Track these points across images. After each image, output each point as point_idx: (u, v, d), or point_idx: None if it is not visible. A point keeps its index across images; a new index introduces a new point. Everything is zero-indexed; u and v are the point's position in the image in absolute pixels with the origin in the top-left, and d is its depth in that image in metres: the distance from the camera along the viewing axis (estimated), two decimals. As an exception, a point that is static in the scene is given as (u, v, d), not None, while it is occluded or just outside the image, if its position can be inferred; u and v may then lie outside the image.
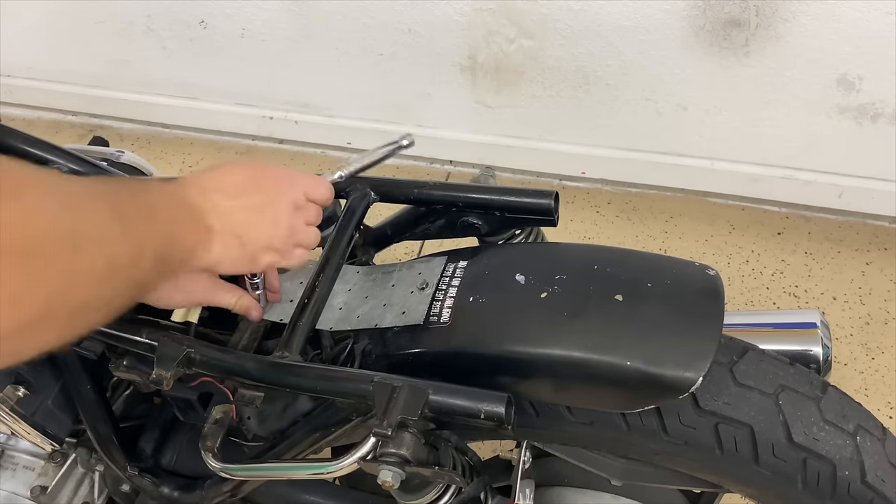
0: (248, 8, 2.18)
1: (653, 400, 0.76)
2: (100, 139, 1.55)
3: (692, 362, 0.72)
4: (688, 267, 0.82)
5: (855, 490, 0.79)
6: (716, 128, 2.05)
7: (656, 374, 0.73)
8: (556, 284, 0.80)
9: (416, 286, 0.88)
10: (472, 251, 0.91)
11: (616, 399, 0.78)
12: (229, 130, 2.54)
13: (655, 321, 0.76)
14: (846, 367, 1.81)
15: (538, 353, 0.77)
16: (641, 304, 0.77)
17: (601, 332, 0.76)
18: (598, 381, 0.77)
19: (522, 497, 0.99)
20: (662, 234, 2.14)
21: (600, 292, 0.79)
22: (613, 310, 0.77)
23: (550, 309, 0.79)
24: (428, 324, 0.83)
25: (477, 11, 1.98)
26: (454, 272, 0.88)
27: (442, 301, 0.85)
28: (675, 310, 0.77)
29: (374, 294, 0.92)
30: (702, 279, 0.80)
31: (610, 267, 0.82)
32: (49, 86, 2.62)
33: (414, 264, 0.93)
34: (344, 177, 0.96)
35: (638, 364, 0.73)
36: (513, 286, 0.82)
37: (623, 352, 0.74)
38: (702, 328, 0.75)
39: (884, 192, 2.03)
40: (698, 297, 0.78)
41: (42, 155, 1.09)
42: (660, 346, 0.74)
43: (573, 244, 0.91)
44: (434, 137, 2.32)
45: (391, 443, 0.76)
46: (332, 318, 0.91)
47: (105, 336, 0.95)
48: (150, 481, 1.12)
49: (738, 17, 1.81)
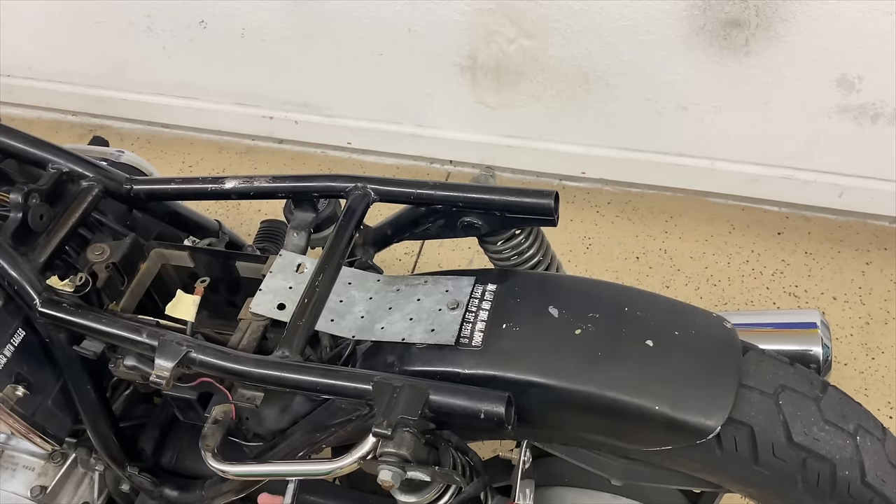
0: (248, 8, 2.18)
1: (671, 442, 0.80)
2: (100, 139, 1.55)
3: (713, 411, 0.78)
4: (707, 318, 0.88)
5: (855, 490, 0.79)
6: (716, 128, 2.05)
7: (681, 420, 0.78)
8: (589, 322, 0.84)
9: (445, 304, 0.89)
10: (501, 274, 0.93)
11: (637, 437, 0.83)
12: (229, 130, 2.54)
13: (682, 369, 0.81)
14: (846, 367, 1.81)
15: (573, 388, 0.80)
16: (670, 352, 0.82)
17: (634, 374, 0.81)
18: (625, 420, 0.81)
19: (522, 497, 0.99)
20: (662, 233, 2.14)
21: (632, 336, 0.83)
22: (645, 354, 0.82)
23: (585, 347, 0.83)
24: (459, 345, 0.85)
25: (477, 11, 1.98)
26: (483, 294, 0.90)
27: (473, 323, 0.87)
28: (699, 360, 0.82)
29: (399, 306, 0.92)
30: (721, 332, 0.86)
31: (640, 310, 0.86)
32: (49, 86, 2.62)
33: (440, 280, 0.93)
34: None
35: (665, 409, 0.78)
36: (547, 319, 0.86)
37: (653, 396, 0.79)
38: (722, 380, 0.80)
39: (884, 192, 2.03)
40: (719, 349, 0.83)
41: (42, 155, 1.09)
42: (686, 393, 0.79)
43: (599, 281, 0.96)
44: (434, 137, 2.32)
45: (391, 442, 0.76)
46: (354, 326, 0.91)
47: (105, 336, 0.95)
48: (149, 481, 1.12)
49: (738, 17, 1.81)
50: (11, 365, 0.99)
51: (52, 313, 0.95)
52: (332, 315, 0.91)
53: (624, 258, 2.09)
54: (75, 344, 0.98)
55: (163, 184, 1.12)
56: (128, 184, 1.10)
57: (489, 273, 0.94)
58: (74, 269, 1.04)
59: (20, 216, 0.98)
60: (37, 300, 0.95)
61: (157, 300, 1.11)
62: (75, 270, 1.02)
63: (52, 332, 0.98)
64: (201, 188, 1.08)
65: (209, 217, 1.29)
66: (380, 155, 2.44)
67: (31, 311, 0.97)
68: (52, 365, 1.04)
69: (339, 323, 0.91)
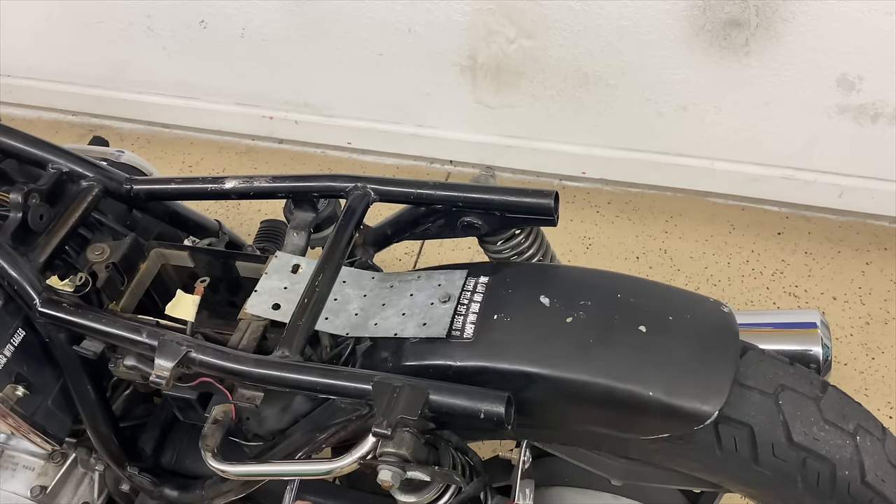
0: (248, 8, 2.18)
1: (668, 429, 0.79)
2: (100, 139, 1.55)
3: (710, 397, 0.76)
4: (704, 303, 0.86)
5: (855, 490, 0.79)
6: (716, 128, 2.05)
7: (676, 406, 0.77)
8: (580, 310, 0.83)
9: (437, 298, 0.89)
10: (493, 267, 0.93)
11: (633, 426, 0.81)
12: (229, 130, 2.54)
13: (676, 355, 0.79)
14: (846, 367, 1.81)
15: (564, 376, 0.80)
16: (664, 337, 0.81)
17: (626, 361, 0.79)
18: (619, 408, 0.79)
19: (522, 497, 0.99)
20: (662, 233, 2.14)
21: (624, 322, 0.82)
22: (637, 340, 0.81)
23: (577, 334, 0.82)
24: (450, 337, 0.85)
25: (477, 11, 1.98)
26: (475, 287, 0.89)
27: (464, 316, 0.86)
28: (694, 345, 0.80)
29: (392, 302, 0.92)
30: (718, 317, 0.84)
31: (633, 297, 0.85)
32: (49, 86, 2.62)
33: (433, 275, 0.93)
34: None
35: (660, 395, 0.77)
36: (538, 308, 0.85)
37: (646, 382, 0.78)
38: (719, 364, 0.79)
39: (884, 192, 2.03)
40: (716, 334, 0.82)
41: (42, 155, 1.09)
42: (680, 379, 0.78)
43: (592, 269, 0.94)
44: (434, 137, 2.32)
45: (391, 442, 0.76)
46: (348, 324, 0.91)
47: (105, 336, 0.95)
48: (149, 481, 1.12)
49: (738, 17, 1.81)
50: (11, 365, 0.99)
51: (52, 313, 0.95)
52: (327, 313, 0.91)
53: (624, 258, 2.09)
54: (75, 344, 0.98)
55: (163, 184, 1.12)
56: (128, 184, 1.10)
57: (482, 266, 0.93)
58: (74, 269, 1.04)
59: (20, 216, 0.98)
60: (37, 300, 0.95)
61: (157, 300, 1.11)
62: (75, 270, 1.02)
63: (52, 332, 0.98)
64: (201, 188, 1.08)
65: (209, 217, 1.29)
66: (380, 155, 2.44)
67: (31, 311, 0.97)
68: (52, 365, 1.04)
69: (334, 321, 0.91)
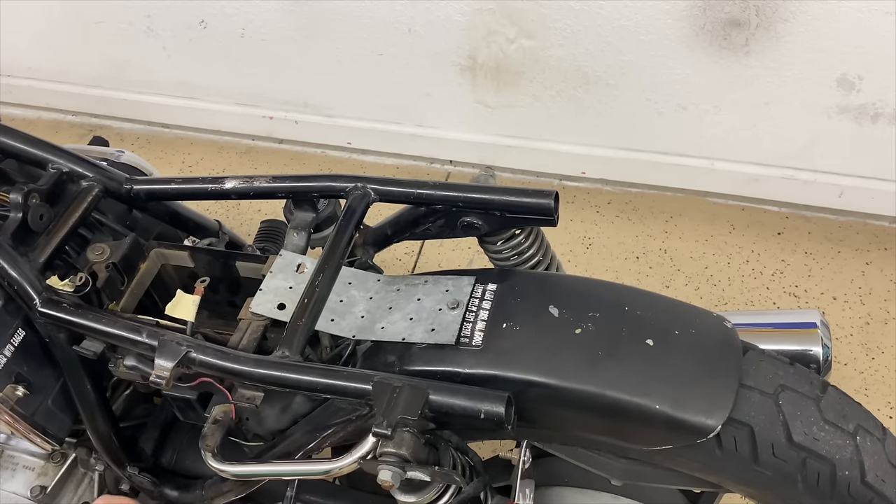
0: (248, 8, 2.18)
1: (671, 441, 0.80)
2: (100, 139, 1.55)
3: (713, 411, 0.78)
4: (708, 317, 0.88)
5: (855, 490, 0.79)
6: (716, 128, 2.05)
7: (681, 419, 0.78)
8: (589, 322, 0.84)
9: (445, 304, 0.89)
10: (500, 274, 0.93)
11: (638, 437, 0.83)
12: (229, 130, 2.54)
13: (682, 369, 0.81)
14: (846, 367, 1.81)
15: (574, 387, 0.80)
16: (670, 351, 0.82)
17: (634, 373, 0.81)
18: (625, 420, 0.81)
19: (522, 497, 0.99)
20: (662, 233, 2.14)
21: (632, 335, 0.83)
22: (645, 354, 0.82)
23: (586, 346, 0.83)
24: (459, 344, 0.85)
25: (477, 11, 1.98)
26: (483, 294, 0.90)
27: (473, 323, 0.87)
28: (699, 360, 0.82)
29: (399, 306, 0.92)
30: (722, 332, 0.85)
31: (640, 310, 0.86)
32: (49, 86, 2.62)
33: (440, 279, 0.93)
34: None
35: (666, 408, 0.78)
36: (547, 318, 0.86)
37: (653, 395, 0.79)
38: (722, 379, 0.80)
39: (884, 192, 2.03)
40: (719, 349, 0.83)
41: (42, 155, 1.09)
42: (686, 393, 0.79)
43: (599, 280, 0.95)
44: (434, 137, 2.32)
45: (391, 442, 0.76)
46: (354, 326, 0.91)
47: (105, 336, 0.95)
48: (149, 481, 1.12)
49: (738, 17, 1.81)
50: (11, 365, 0.99)
51: (52, 313, 0.95)
52: (333, 315, 0.91)
53: (624, 258, 2.09)
54: (75, 344, 0.98)
55: (163, 184, 1.12)
56: (128, 184, 1.10)
57: (489, 273, 0.94)
58: (74, 269, 1.04)
59: (20, 216, 0.98)
60: (37, 300, 0.95)
61: (157, 300, 1.11)
62: (75, 270, 1.02)
63: (52, 332, 0.98)
64: (201, 188, 1.08)
65: (209, 217, 1.29)
66: (380, 155, 2.44)
67: (31, 311, 0.97)
68: (52, 365, 1.04)
69: (340, 323, 0.91)
